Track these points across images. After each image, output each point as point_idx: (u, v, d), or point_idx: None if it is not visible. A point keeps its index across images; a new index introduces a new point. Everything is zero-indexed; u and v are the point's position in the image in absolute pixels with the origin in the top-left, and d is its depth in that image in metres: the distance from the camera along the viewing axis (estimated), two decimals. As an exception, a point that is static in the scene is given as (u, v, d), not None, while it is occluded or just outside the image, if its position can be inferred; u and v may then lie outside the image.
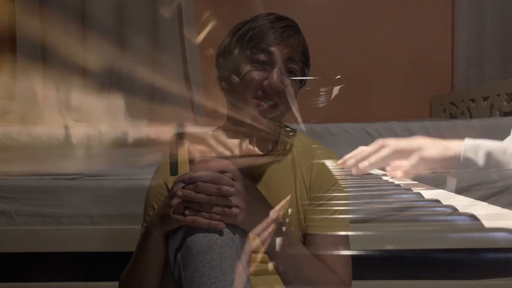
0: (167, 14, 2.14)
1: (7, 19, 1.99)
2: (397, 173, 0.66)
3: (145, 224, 0.78)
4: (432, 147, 0.62)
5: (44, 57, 2.08)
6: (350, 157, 0.72)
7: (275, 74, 0.72)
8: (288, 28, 0.75)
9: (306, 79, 0.81)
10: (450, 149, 0.61)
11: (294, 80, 0.76)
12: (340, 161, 0.74)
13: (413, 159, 0.62)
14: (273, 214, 0.66)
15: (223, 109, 0.82)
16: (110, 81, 2.11)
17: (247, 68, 0.74)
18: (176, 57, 2.15)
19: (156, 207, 0.77)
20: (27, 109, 1.76)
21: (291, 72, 0.76)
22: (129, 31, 2.11)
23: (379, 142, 0.67)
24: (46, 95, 1.81)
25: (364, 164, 0.68)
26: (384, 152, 0.65)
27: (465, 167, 0.60)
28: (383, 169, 0.73)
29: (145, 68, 2.13)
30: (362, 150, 0.71)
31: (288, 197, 0.76)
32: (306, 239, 0.80)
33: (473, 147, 0.59)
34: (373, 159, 0.67)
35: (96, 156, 1.27)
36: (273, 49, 0.73)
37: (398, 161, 0.66)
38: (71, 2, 2.08)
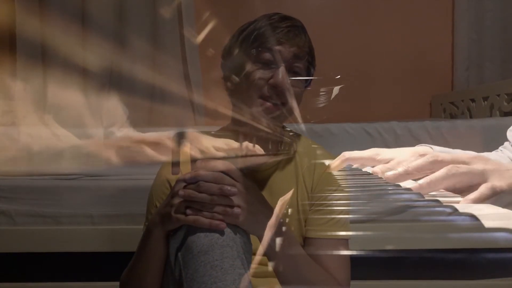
0: (167, 14, 2.14)
1: (7, 19, 1.99)
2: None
3: (147, 224, 0.78)
4: (498, 174, 0.48)
5: (44, 57, 2.08)
6: (387, 167, 0.53)
7: (280, 73, 0.72)
8: (293, 27, 0.75)
9: (311, 80, 0.81)
10: None
11: (299, 80, 0.76)
12: (376, 170, 0.55)
13: (485, 192, 0.47)
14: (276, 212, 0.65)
15: (223, 109, 0.82)
16: (110, 81, 2.11)
17: (252, 67, 0.74)
18: (176, 57, 2.15)
19: (158, 206, 0.77)
20: (27, 109, 1.76)
21: (296, 72, 0.76)
22: (129, 31, 2.11)
23: (430, 158, 0.50)
24: (46, 95, 1.81)
25: (415, 187, 0.49)
26: (440, 175, 0.48)
27: None
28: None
29: (145, 68, 2.13)
30: (374, 160, 0.56)
31: (291, 192, 0.76)
32: (306, 242, 0.80)
33: None
34: (426, 181, 0.48)
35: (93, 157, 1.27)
36: (279, 48, 0.73)
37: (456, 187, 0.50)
38: (71, 2, 2.08)
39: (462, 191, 0.50)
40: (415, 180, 0.52)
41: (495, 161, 0.49)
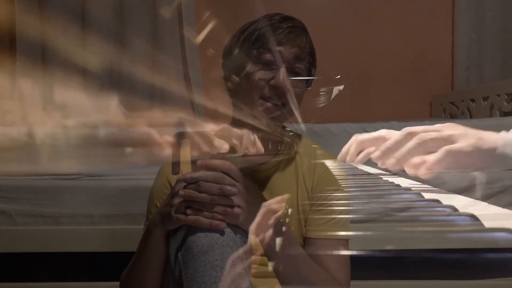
0: (167, 14, 2.14)
1: (7, 19, 1.99)
2: (420, 171, 0.52)
3: (147, 223, 0.78)
4: (464, 137, 0.50)
5: (44, 57, 2.08)
6: (372, 151, 0.59)
7: (281, 74, 0.72)
8: (294, 28, 0.75)
9: (312, 80, 0.81)
10: (484, 141, 0.49)
11: (300, 81, 0.76)
12: (361, 156, 0.63)
13: (440, 153, 0.50)
14: (268, 207, 0.64)
15: (223, 109, 0.82)
16: (110, 81, 2.11)
17: (253, 68, 0.74)
18: (176, 57, 2.15)
19: (159, 206, 0.77)
20: (27, 109, 1.76)
21: (297, 73, 0.76)
22: (129, 31, 2.11)
23: (406, 130, 0.54)
24: (46, 95, 1.81)
25: (391, 162, 0.55)
26: (412, 144, 0.52)
27: (502, 165, 0.49)
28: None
29: (145, 68, 2.14)
30: (384, 140, 0.57)
31: (287, 196, 0.76)
32: (306, 242, 0.80)
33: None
34: (400, 154, 0.53)
35: (96, 156, 1.27)
36: (279, 49, 0.73)
37: (420, 157, 0.53)
38: (71, 2, 2.08)
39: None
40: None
41: (466, 127, 0.52)
